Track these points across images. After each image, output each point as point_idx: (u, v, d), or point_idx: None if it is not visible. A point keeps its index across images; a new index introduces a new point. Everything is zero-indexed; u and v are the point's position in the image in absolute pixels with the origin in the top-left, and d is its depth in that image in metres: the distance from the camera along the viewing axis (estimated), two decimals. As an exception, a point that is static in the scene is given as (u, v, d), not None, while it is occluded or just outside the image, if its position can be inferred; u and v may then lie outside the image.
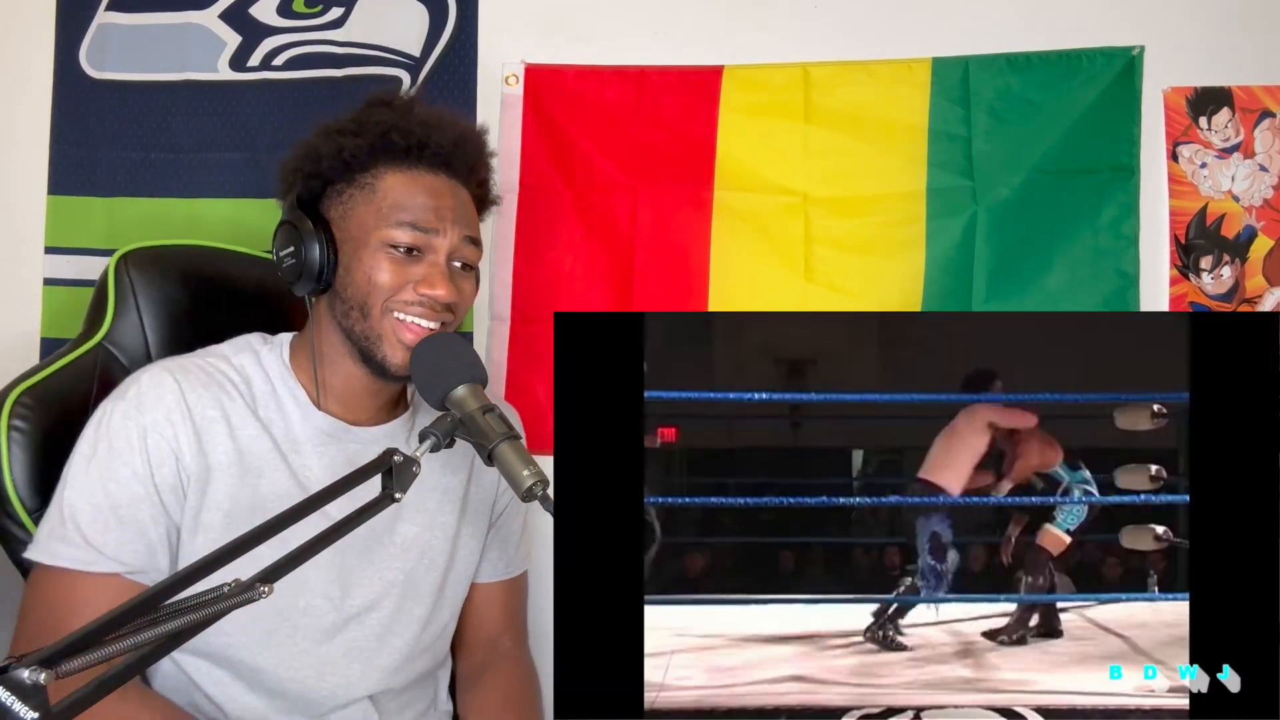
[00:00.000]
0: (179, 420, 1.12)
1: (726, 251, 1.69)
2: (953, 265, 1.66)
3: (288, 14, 1.76)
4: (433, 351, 1.08)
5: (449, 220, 1.16)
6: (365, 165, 1.16)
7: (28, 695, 0.57)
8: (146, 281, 1.35)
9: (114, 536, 1.08)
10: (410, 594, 1.24)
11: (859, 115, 1.68)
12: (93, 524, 1.08)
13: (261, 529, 0.79)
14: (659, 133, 1.71)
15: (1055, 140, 1.64)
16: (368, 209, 1.15)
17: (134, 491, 1.09)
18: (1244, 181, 1.63)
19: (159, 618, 0.69)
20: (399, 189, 1.15)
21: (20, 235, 1.75)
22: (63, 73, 1.75)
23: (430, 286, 1.13)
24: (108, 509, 1.08)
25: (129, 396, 1.12)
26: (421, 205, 1.15)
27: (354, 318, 1.15)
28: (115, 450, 1.10)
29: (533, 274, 1.73)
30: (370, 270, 1.13)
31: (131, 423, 1.11)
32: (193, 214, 1.73)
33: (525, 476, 0.95)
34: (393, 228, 1.13)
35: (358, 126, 1.17)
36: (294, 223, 1.16)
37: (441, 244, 1.15)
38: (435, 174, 1.17)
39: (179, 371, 1.15)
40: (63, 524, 1.09)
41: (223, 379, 1.17)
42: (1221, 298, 1.64)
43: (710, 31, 1.72)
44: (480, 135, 1.24)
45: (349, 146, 1.15)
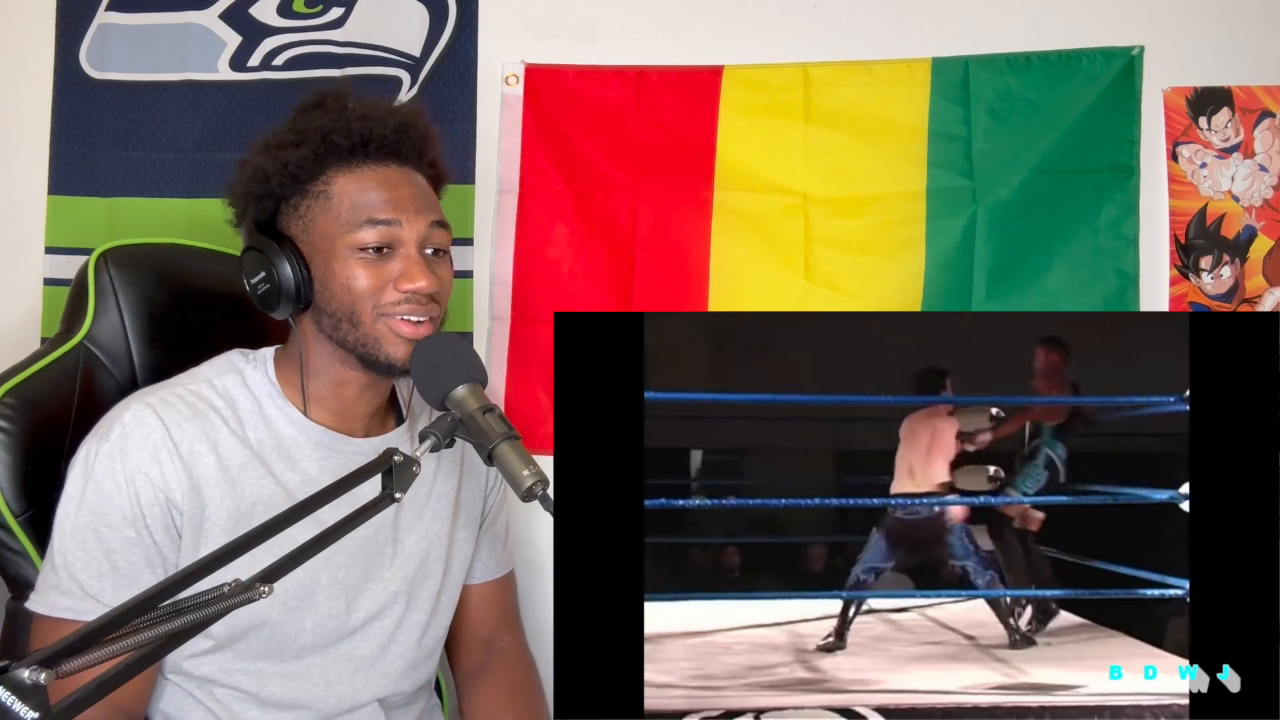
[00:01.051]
0: (166, 459, 1.09)
1: (726, 251, 1.70)
2: (953, 265, 1.66)
3: (288, 14, 1.76)
4: (433, 352, 1.08)
5: (410, 209, 1.12)
6: (313, 174, 1.13)
7: (28, 695, 0.57)
8: (126, 280, 1.32)
9: (110, 582, 1.07)
10: (412, 602, 1.24)
11: (859, 115, 1.68)
12: (87, 571, 1.06)
13: (262, 528, 0.79)
14: (659, 133, 1.71)
15: (1055, 140, 1.64)
16: (327, 218, 1.12)
17: (126, 535, 1.08)
18: (1244, 181, 1.63)
19: (159, 618, 0.69)
20: (352, 190, 1.12)
21: (20, 235, 1.75)
22: (63, 73, 1.76)
23: (410, 280, 1.11)
24: (101, 555, 1.07)
25: (113, 438, 1.09)
26: (378, 200, 1.12)
27: (344, 329, 1.13)
28: (104, 494, 1.07)
29: (533, 274, 1.73)
30: (347, 279, 1.11)
31: (118, 465, 1.08)
32: (193, 214, 1.73)
33: (525, 476, 0.95)
34: (356, 231, 1.11)
35: (297, 136, 1.13)
36: (259, 247, 1.13)
37: (409, 235, 1.12)
38: (385, 165, 1.14)
39: (161, 406, 1.11)
40: (56, 573, 1.07)
41: (206, 407, 1.13)
42: (1221, 298, 1.64)
43: (710, 31, 1.72)
44: (421, 116, 1.20)
45: (293, 159, 1.12)
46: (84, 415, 1.21)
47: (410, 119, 1.17)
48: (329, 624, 1.17)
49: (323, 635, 1.17)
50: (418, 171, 1.17)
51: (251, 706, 1.15)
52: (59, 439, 1.20)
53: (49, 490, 1.13)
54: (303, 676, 1.16)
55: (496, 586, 1.39)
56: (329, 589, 1.16)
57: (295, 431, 1.17)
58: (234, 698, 1.15)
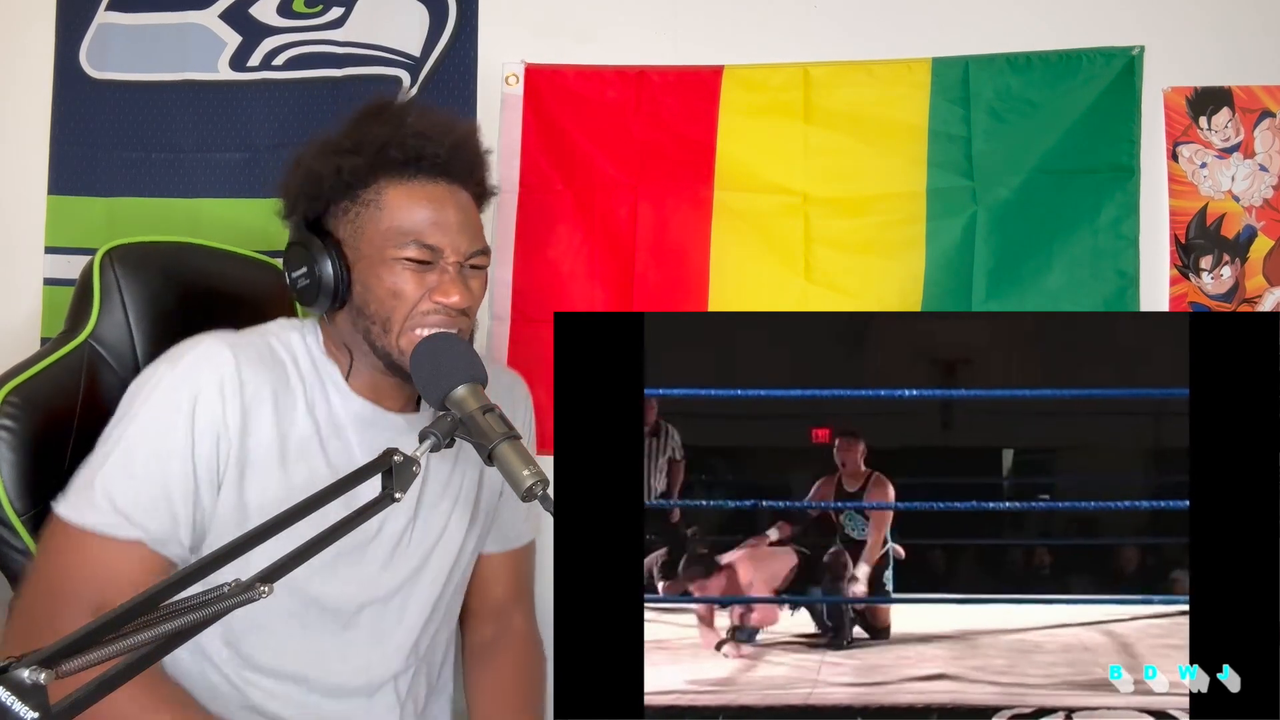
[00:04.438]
0: (230, 395, 1.12)
1: (726, 251, 1.69)
2: (953, 265, 1.66)
3: (288, 14, 1.76)
4: (432, 351, 1.09)
5: (454, 231, 1.17)
6: (366, 182, 1.17)
7: (28, 695, 0.57)
8: (132, 279, 1.33)
9: (144, 502, 1.08)
10: (424, 579, 1.26)
11: (859, 115, 1.68)
12: (123, 489, 1.08)
13: (262, 529, 0.79)
14: (659, 133, 1.71)
15: (1055, 140, 1.64)
16: (375, 227, 1.16)
17: (171, 461, 1.10)
18: (1244, 181, 1.63)
19: (159, 618, 0.69)
20: (403, 204, 1.16)
21: (20, 235, 1.75)
22: (63, 73, 1.76)
23: (445, 295, 1.15)
24: (142, 475, 1.09)
25: (183, 363, 1.13)
26: (425, 220, 1.15)
27: (375, 333, 1.16)
28: (160, 416, 1.11)
29: (533, 274, 1.73)
30: (393, 284, 1.15)
31: (184, 389, 1.11)
32: (193, 214, 1.74)
33: (525, 476, 0.96)
34: (403, 246, 1.15)
35: (354, 144, 1.17)
36: (304, 244, 1.17)
37: (450, 253, 1.16)
38: (435, 182, 1.18)
39: (236, 346, 1.16)
40: (91, 486, 1.09)
41: (273, 360, 1.18)
42: (1221, 298, 1.64)
43: (710, 31, 1.72)
44: (475, 134, 1.25)
45: (347, 166, 1.16)
46: (88, 414, 1.22)
47: (463, 139, 1.21)
48: (341, 594, 1.19)
49: (336, 607, 1.19)
50: (465, 189, 1.21)
51: (264, 677, 1.17)
52: (63, 438, 1.20)
53: (53, 489, 1.13)
54: (315, 649, 1.19)
55: (506, 559, 1.41)
56: (347, 559, 1.18)
57: (341, 400, 1.21)
58: (247, 668, 1.17)
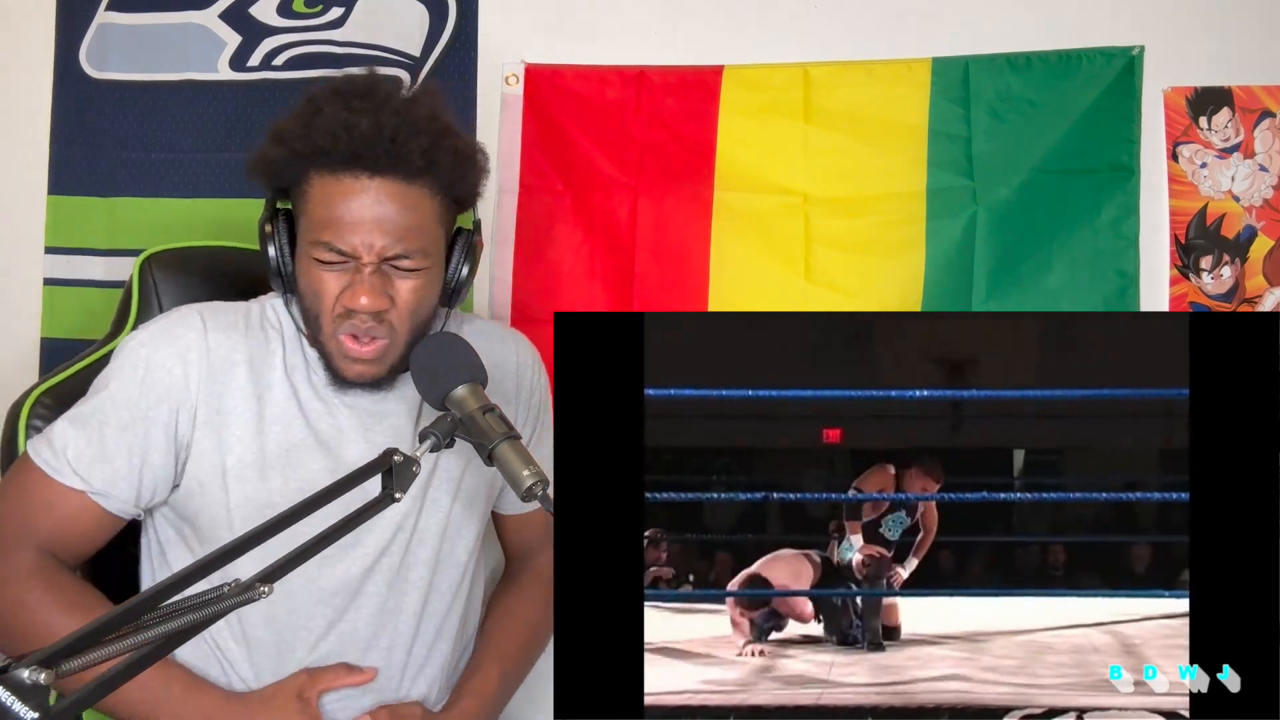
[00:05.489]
0: (193, 360, 1.14)
1: (726, 251, 1.69)
2: (953, 265, 1.66)
3: (288, 14, 1.76)
4: (432, 352, 1.08)
5: (367, 230, 1.09)
6: (296, 173, 1.13)
7: (28, 695, 0.57)
8: (170, 283, 1.38)
9: (88, 455, 1.12)
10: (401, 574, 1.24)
11: (859, 115, 1.68)
12: (74, 441, 1.13)
13: (262, 529, 0.79)
14: (659, 133, 1.71)
15: (1055, 140, 1.64)
16: (303, 219, 1.14)
17: (121, 417, 1.13)
18: (1244, 181, 1.63)
19: (159, 618, 0.69)
20: (320, 199, 1.11)
21: (20, 235, 1.75)
22: (63, 73, 1.76)
23: (352, 298, 1.10)
24: (95, 427, 1.13)
25: (152, 328, 1.18)
26: (336, 218, 1.09)
27: (312, 329, 1.16)
28: (119, 373, 1.15)
29: (533, 274, 1.73)
30: (306, 283, 1.14)
31: (143, 352, 1.15)
32: (193, 214, 1.73)
33: (525, 476, 0.96)
34: (315, 245, 1.11)
35: (297, 131, 1.12)
36: (260, 225, 1.18)
37: (363, 253, 1.10)
38: (357, 177, 1.10)
39: (210, 312, 1.19)
40: (53, 431, 1.15)
41: (254, 324, 1.20)
42: (1221, 298, 1.64)
43: (710, 31, 1.72)
44: (436, 123, 1.14)
45: (274, 156, 1.14)
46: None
47: (412, 129, 1.11)
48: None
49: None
50: (411, 184, 1.11)
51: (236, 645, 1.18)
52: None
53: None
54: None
55: (528, 515, 1.40)
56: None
57: (323, 368, 1.19)
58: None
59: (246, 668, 1.18)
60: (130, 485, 1.14)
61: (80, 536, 1.16)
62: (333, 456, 1.18)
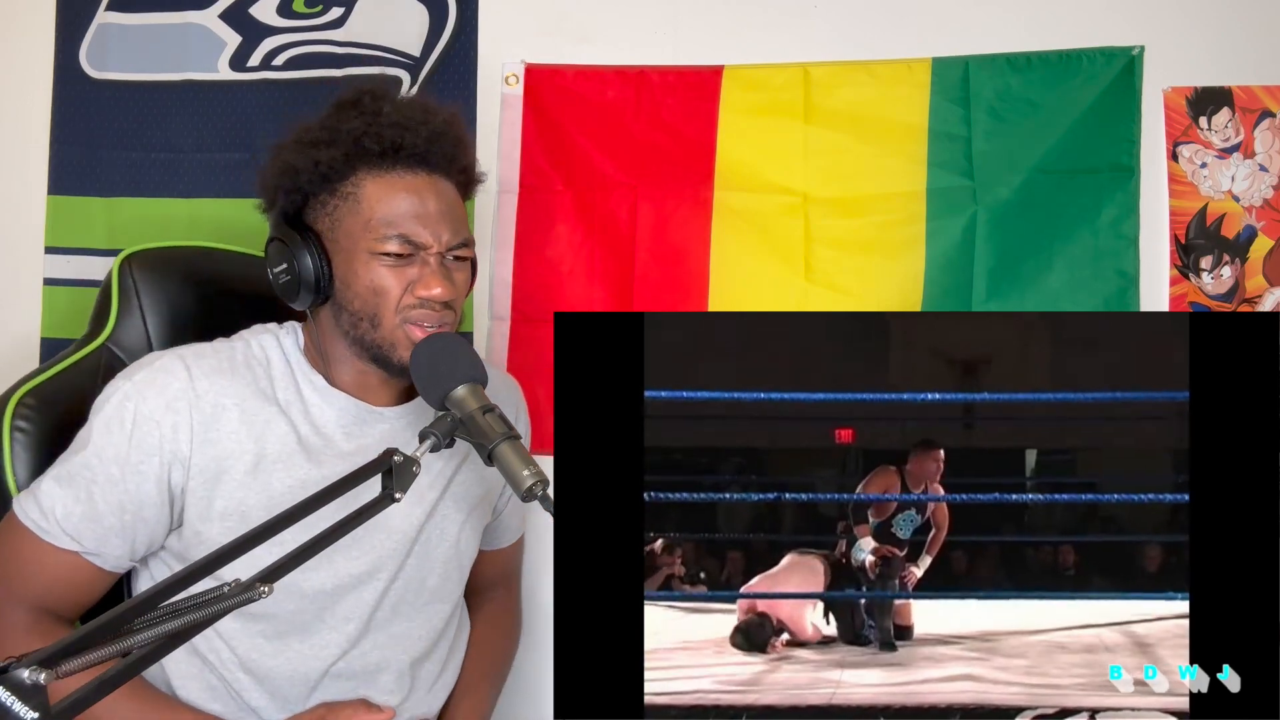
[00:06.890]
0: (182, 409, 1.11)
1: (726, 251, 1.69)
2: (953, 265, 1.66)
3: (288, 14, 1.76)
4: (432, 352, 1.09)
5: (434, 222, 1.14)
6: (343, 175, 1.14)
7: (28, 695, 0.57)
8: (150, 283, 1.35)
9: (77, 514, 1.10)
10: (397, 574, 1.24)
11: (859, 115, 1.68)
12: (61, 502, 1.10)
13: (262, 529, 0.79)
14: (659, 133, 1.70)
15: (1055, 140, 1.64)
16: (354, 220, 1.14)
17: (110, 473, 1.10)
18: (1244, 181, 1.63)
19: (159, 618, 0.69)
20: (381, 197, 1.13)
21: (20, 235, 1.75)
22: (63, 73, 1.75)
23: (427, 288, 1.13)
24: (83, 484, 1.10)
25: (135, 379, 1.13)
26: (405, 213, 1.13)
27: (363, 328, 1.14)
28: (105, 427, 1.11)
29: (533, 274, 1.73)
30: (371, 280, 1.13)
31: (130, 405, 1.11)
32: (193, 214, 1.73)
33: (525, 476, 0.96)
34: (381, 240, 1.12)
35: (330, 135, 1.15)
36: (283, 239, 1.15)
37: (433, 245, 1.14)
38: (414, 173, 1.15)
39: (193, 358, 1.15)
40: (39, 489, 1.11)
41: (240, 364, 1.17)
42: (1221, 298, 1.64)
43: (710, 31, 1.72)
44: (455, 121, 1.21)
45: (324, 159, 1.14)
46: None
47: (444, 127, 1.18)
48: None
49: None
50: (447, 179, 1.18)
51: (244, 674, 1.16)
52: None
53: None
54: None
55: (497, 554, 1.45)
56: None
57: (321, 400, 1.19)
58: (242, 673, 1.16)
59: (258, 695, 1.16)
60: (124, 541, 1.12)
61: (76, 591, 1.14)
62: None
